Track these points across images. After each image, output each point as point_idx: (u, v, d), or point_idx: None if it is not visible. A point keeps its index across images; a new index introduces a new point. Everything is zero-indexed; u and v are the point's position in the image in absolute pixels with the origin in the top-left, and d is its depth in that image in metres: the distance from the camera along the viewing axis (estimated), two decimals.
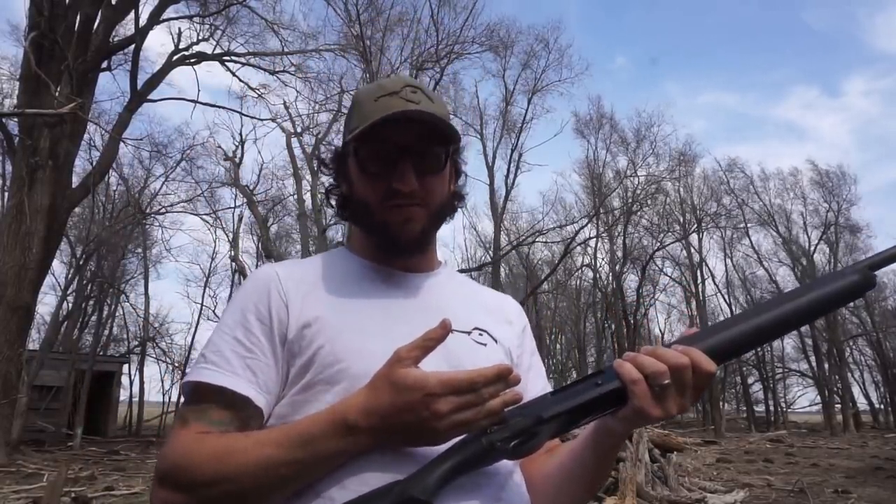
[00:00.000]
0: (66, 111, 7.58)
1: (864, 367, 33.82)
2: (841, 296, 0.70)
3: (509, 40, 22.54)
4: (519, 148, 23.80)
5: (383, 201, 0.87)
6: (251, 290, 0.87)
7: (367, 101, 0.88)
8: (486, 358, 0.86)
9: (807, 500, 7.48)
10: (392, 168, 0.86)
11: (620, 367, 0.67)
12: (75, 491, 7.49)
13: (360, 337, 0.82)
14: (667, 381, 0.65)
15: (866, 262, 0.72)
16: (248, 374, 0.80)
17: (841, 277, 0.71)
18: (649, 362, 0.66)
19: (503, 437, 0.69)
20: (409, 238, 0.88)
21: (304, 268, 0.93)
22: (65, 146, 10.70)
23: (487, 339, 0.91)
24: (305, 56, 16.74)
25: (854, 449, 15.29)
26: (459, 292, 0.97)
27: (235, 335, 0.82)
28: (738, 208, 27.99)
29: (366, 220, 0.91)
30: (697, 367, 0.66)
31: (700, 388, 0.67)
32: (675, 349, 0.67)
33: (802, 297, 0.70)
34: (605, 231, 26.17)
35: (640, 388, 0.65)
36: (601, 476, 0.84)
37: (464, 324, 0.89)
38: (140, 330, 27.10)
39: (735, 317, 0.71)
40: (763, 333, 0.69)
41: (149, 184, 22.96)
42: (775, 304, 0.70)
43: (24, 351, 10.39)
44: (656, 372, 0.65)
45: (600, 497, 6.61)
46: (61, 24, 10.15)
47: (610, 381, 0.68)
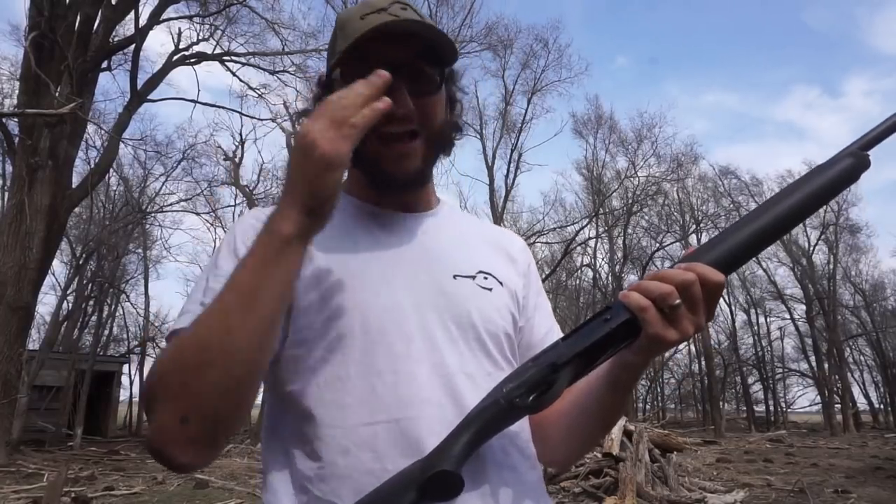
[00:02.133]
0: (66, 111, 7.58)
1: (864, 367, 33.85)
2: (837, 182, 0.68)
3: (508, 40, 22.57)
4: (519, 148, 23.81)
5: (377, 128, 0.74)
6: (240, 231, 0.82)
7: (351, 20, 0.78)
8: (490, 304, 0.84)
9: (807, 500, 7.48)
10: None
11: (627, 298, 0.64)
12: (75, 491, 7.49)
13: (359, 289, 0.78)
14: (677, 300, 0.62)
15: (858, 143, 0.70)
16: None
17: (834, 164, 0.68)
18: (655, 286, 0.63)
19: (520, 392, 0.66)
20: (406, 174, 0.81)
21: None
22: (65, 146, 10.70)
23: (493, 282, 0.86)
24: (305, 56, 16.74)
25: (854, 449, 15.28)
26: (462, 232, 0.92)
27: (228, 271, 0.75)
28: (735, 210, 27.99)
29: (356, 154, 0.76)
30: (705, 279, 0.62)
31: (712, 302, 0.64)
32: (679, 267, 0.64)
33: (798, 192, 0.68)
34: (605, 231, 26.18)
35: (650, 315, 0.62)
36: (618, 412, 0.80)
37: (468, 267, 0.85)
38: (140, 330, 27.11)
39: (735, 224, 0.68)
40: (765, 235, 0.67)
41: (148, 184, 22.99)
42: (773, 204, 0.68)
43: (24, 351, 10.39)
44: (663, 294, 0.62)
45: (600, 497, 6.61)
46: (61, 24, 10.14)
47: (619, 314, 0.65)
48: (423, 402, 0.74)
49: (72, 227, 19.69)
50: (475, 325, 0.81)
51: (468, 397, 0.75)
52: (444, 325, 0.79)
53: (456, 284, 0.83)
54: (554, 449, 0.86)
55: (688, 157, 26.58)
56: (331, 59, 0.83)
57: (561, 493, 7.04)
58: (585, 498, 6.93)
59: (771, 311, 32.24)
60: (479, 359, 0.80)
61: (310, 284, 0.78)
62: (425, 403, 0.74)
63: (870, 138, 0.70)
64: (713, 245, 0.67)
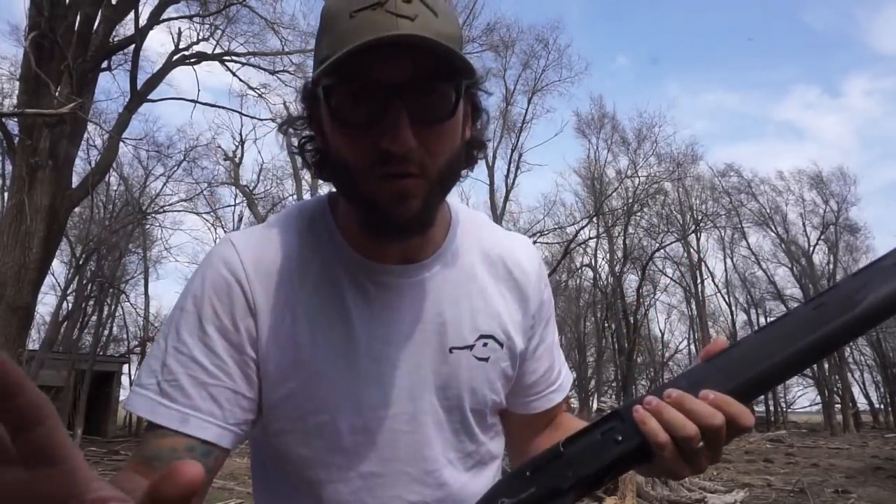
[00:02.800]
0: (66, 111, 7.58)
1: (864, 367, 33.84)
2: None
3: (509, 40, 22.58)
4: (519, 148, 23.85)
5: (370, 167, 0.63)
6: (210, 287, 0.69)
7: (340, 17, 0.62)
8: (485, 377, 0.78)
9: (807, 500, 7.48)
10: (380, 117, 0.62)
11: (644, 425, 0.54)
12: None
13: (347, 380, 0.71)
14: (700, 444, 0.53)
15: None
16: (211, 408, 0.66)
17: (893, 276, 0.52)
18: (678, 422, 0.52)
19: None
20: (405, 217, 0.65)
21: (277, 250, 0.73)
22: (65, 146, 10.70)
23: (492, 346, 0.78)
24: (305, 55, 16.73)
25: (854, 449, 15.29)
26: (468, 279, 0.78)
27: (194, 355, 0.67)
28: (734, 210, 28.02)
29: (348, 191, 0.68)
30: (733, 422, 0.53)
31: (732, 438, 0.55)
32: (706, 398, 0.53)
33: (851, 312, 0.52)
34: (605, 231, 26.19)
35: (668, 452, 0.53)
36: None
37: (467, 333, 0.77)
38: (140, 330, 27.11)
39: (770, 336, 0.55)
40: (807, 360, 0.54)
41: (149, 184, 23.01)
42: (817, 323, 0.54)
43: (24, 351, 10.39)
44: (687, 437, 0.53)
45: (600, 497, 6.61)
46: (61, 24, 10.14)
47: (631, 436, 0.57)
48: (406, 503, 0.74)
49: (72, 227, 19.70)
50: (462, 406, 0.77)
51: (452, 488, 0.75)
52: (434, 413, 0.75)
53: (451, 360, 0.76)
54: None
55: (688, 157, 26.62)
56: (316, 66, 0.66)
57: None
58: (585, 498, 6.92)
59: (771, 311, 32.24)
60: (462, 439, 0.78)
61: (289, 371, 0.70)
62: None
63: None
64: (745, 364, 0.55)
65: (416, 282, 0.75)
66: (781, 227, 28.56)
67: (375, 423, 0.72)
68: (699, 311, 27.32)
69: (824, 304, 0.54)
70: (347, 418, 0.71)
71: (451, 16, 0.64)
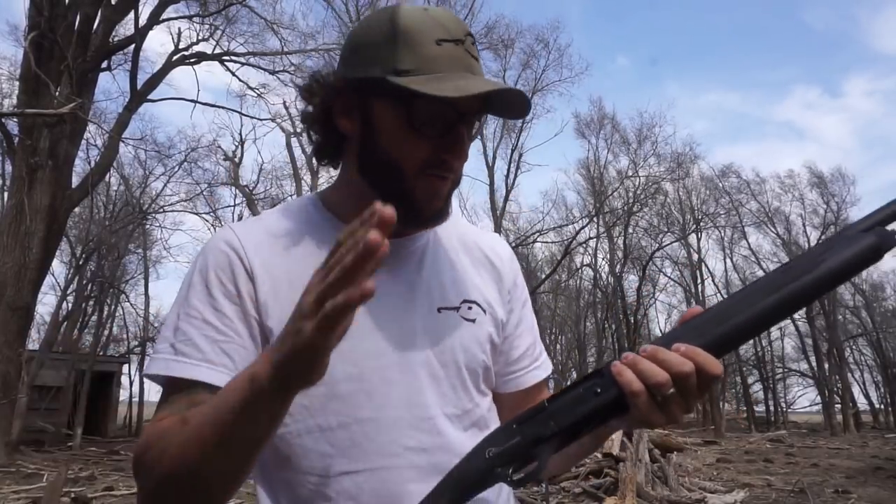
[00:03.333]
0: (66, 111, 7.58)
1: (864, 367, 33.87)
2: (854, 265, 0.59)
3: (509, 40, 22.58)
4: (519, 148, 23.86)
5: (424, 168, 0.75)
6: (213, 262, 0.76)
7: (424, 37, 0.73)
8: (473, 336, 0.84)
9: (807, 500, 7.48)
10: (446, 133, 0.75)
11: (620, 376, 0.60)
12: (75, 491, 7.48)
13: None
14: (671, 390, 0.59)
15: (878, 217, 0.60)
16: (223, 360, 0.72)
17: (852, 242, 0.59)
18: (650, 371, 0.58)
19: (502, 462, 0.64)
20: (432, 212, 0.79)
21: (269, 231, 0.81)
22: (65, 146, 10.70)
23: (476, 311, 0.85)
24: (305, 56, 16.75)
25: (854, 449, 15.28)
26: (448, 254, 0.88)
27: (205, 317, 0.73)
28: (735, 210, 28.02)
29: (388, 184, 0.76)
30: (702, 370, 0.59)
31: (705, 389, 0.61)
32: (677, 350, 0.59)
33: (809, 274, 0.59)
34: (605, 231, 26.19)
35: (641, 400, 0.59)
36: (598, 447, 0.84)
37: (452, 297, 0.84)
38: (140, 330, 27.12)
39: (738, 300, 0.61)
40: (770, 319, 0.60)
41: (149, 184, 23.02)
42: (781, 284, 0.60)
43: (24, 351, 10.39)
44: (658, 383, 0.58)
45: (600, 497, 6.61)
46: (61, 24, 10.14)
47: (609, 388, 0.62)
48: (404, 449, 0.76)
49: (72, 227, 19.71)
50: (457, 361, 0.81)
51: (449, 438, 0.78)
52: (428, 364, 0.80)
53: (440, 319, 0.82)
54: None
55: (688, 157, 26.63)
56: (385, 64, 0.73)
57: (561, 493, 7.04)
58: (585, 498, 6.92)
59: None
60: (459, 396, 0.82)
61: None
62: (407, 451, 0.76)
63: (893, 211, 0.61)
64: (715, 323, 0.61)
65: (404, 252, 0.83)
66: (782, 227, 28.58)
67: (369, 371, 0.76)
68: None
69: (791, 267, 0.60)
70: (342, 367, 0.74)
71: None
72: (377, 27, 0.76)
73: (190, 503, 0.65)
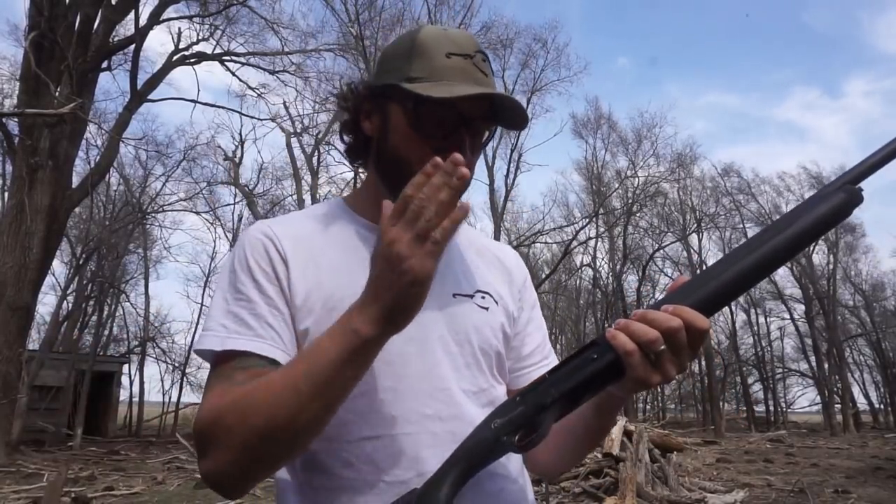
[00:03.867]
0: (66, 111, 7.58)
1: (864, 367, 33.85)
2: (828, 220, 0.65)
3: (507, 40, 22.56)
4: (518, 148, 23.80)
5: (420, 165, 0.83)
6: (251, 250, 0.83)
7: (436, 51, 0.82)
8: (486, 323, 0.88)
9: (807, 500, 7.48)
10: (450, 138, 0.81)
11: (614, 339, 0.64)
12: (75, 491, 7.49)
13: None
14: (662, 347, 0.63)
15: (847, 177, 0.66)
16: (272, 335, 0.78)
17: (825, 200, 0.65)
18: (641, 330, 0.63)
19: (508, 431, 0.68)
20: None
21: (301, 225, 0.89)
22: (65, 146, 10.71)
23: (489, 301, 0.90)
24: (305, 56, 16.76)
25: (854, 449, 15.29)
26: (461, 250, 0.95)
27: (250, 297, 0.80)
28: (737, 210, 28.01)
29: (396, 179, 0.82)
30: (690, 326, 0.63)
31: (696, 346, 0.65)
32: (666, 310, 0.64)
33: (787, 231, 0.65)
34: (605, 231, 26.19)
35: (635, 359, 0.63)
36: (603, 433, 0.85)
37: (466, 287, 0.89)
38: (140, 330, 27.10)
39: (721, 262, 0.67)
40: (752, 276, 0.65)
41: (149, 184, 23.01)
42: (760, 243, 0.65)
43: (24, 351, 10.39)
44: (649, 340, 0.62)
45: (600, 497, 6.61)
46: (61, 24, 10.14)
47: (605, 353, 0.66)
48: (422, 417, 0.79)
49: (72, 227, 19.71)
50: (472, 342, 0.86)
51: (465, 409, 0.81)
52: (444, 342, 0.84)
53: (455, 303, 0.87)
54: (541, 461, 0.92)
55: (688, 157, 26.62)
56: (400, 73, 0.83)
57: (561, 494, 7.04)
58: (585, 498, 6.93)
59: (771, 310, 32.28)
60: (475, 375, 0.86)
61: (318, 303, 0.81)
62: (424, 419, 0.79)
63: (860, 171, 0.67)
64: (699, 285, 0.66)
65: None
66: None
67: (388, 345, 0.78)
68: None
69: (770, 228, 0.66)
70: None
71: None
72: (401, 43, 0.87)
73: (281, 453, 0.70)
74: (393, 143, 0.84)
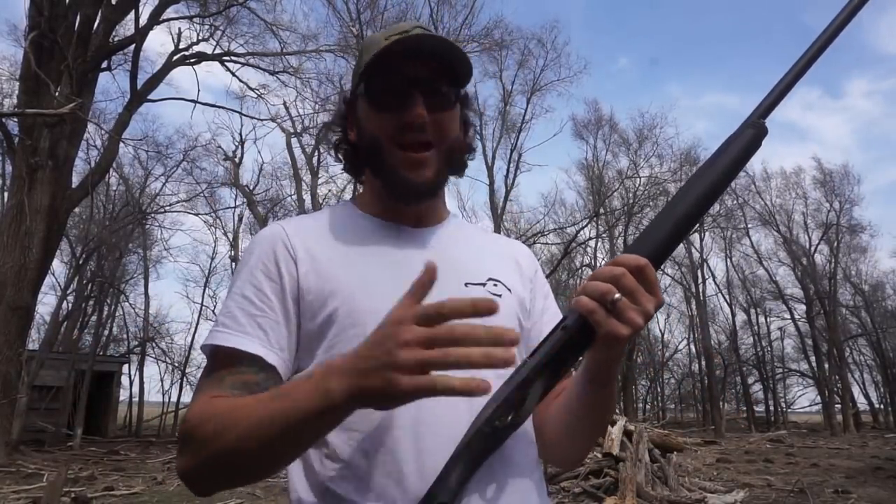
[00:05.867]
0: (66, 111, 7.58)
1: (864, 367, 33.83)
2: (742, 156, 0.72)
3: (508, 40, 22.55)
4: (518, 148, 23.77)
5: (395, 136, 0.85)
6: (258, 248, 0.87)
7: (377, 42, 0.86)
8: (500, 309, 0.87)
9: (807, 500, 7.48)
10: (402, 101, 0.84)
11: (577, 304, 0.68)
12: (75, 491, 7.48)
13: (374, 298, 0.80)
14: (616, 295, 0.66)
15: (755, 115, 0.73)
16: (258, 333, 0.80)
17: (739, 138, 0.72)
18: (593, 286, 0.67)
19: (498, 415, 0.70)
20: (423, 182, 0.87)
21: (311, 222, 0.92)
22: (64, 146, 10.70)
23: (501, 288, 0.91)
24: (305, 56, 16.75)
25: (854, 449, 15.28)
26: (470, 243, 0.97)
27: (244, 293, 0.83)
28: (740, 208, 27.99)
29: (376, 161, 0.89)
30: (630, 267, 0.67)
31: (651, 288, 0.68)
32: (607, 264, 0.69)
33: (709, 174, 0.71)
34: (606, 231, 26.18)
35: (599, 315, 0.66)
36: (607, 406, 0.84)
37: (478, 275, 0.90)
38: (140, 330, 27.09)
39: (657, 216, 0.72)
40: (686, 222, 0.71)
41: (149, 184, 23.00)
42: (688, 189, 0.71)
43: (24, 351, 10.39)
44: (602, 292, 0.67)
45: (600, 497, 6.61)
46: (61, 24, 10.14)
47: (574, 320, 0.69)
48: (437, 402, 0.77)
49: (72, 227, 19.70)
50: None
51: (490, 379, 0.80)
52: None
53: (467, 292, 0.87)
54: (553, 448, 0.91)
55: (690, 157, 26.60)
56: (354, 78, 0.91)
57: (561, 493, 7.04)
58: (585, 498, 6.93)
59: (771, 311, 32.24)
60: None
61: (328, 298, 0.83)
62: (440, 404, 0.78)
63: (766, 106, 0.74)
64: (641, 241, 0.71)
65: (427, 234, 0.93)
66: (784, 226, 28.50)
67: None
68: (699, 310, 27.26)
69: (696, 174, 0.72)
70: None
71: (456, 45, 0.88)
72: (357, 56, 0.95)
73: (242, 474, 0.73)
74: (365, 128, 0.89)
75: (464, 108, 0.94)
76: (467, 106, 0.95)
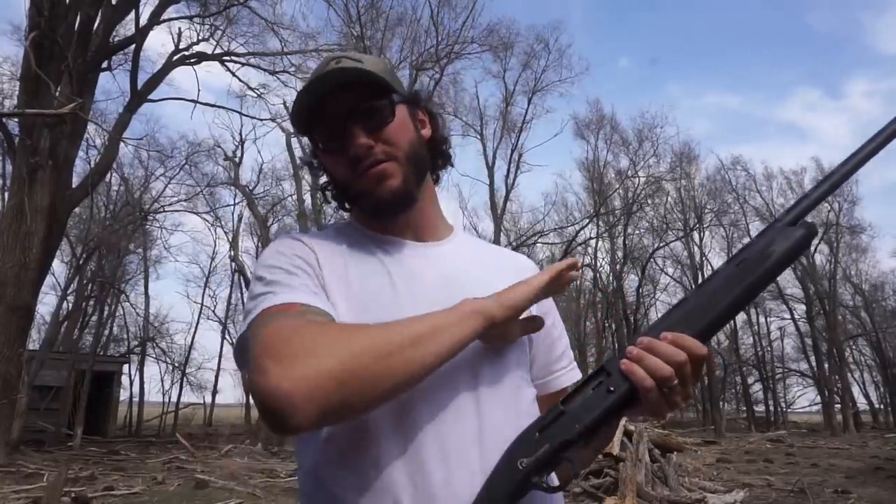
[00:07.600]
0: (66, 111, 7.58)
1: (864, 367, 33.82)
2: (795, 254, 0.71)
3: (509, 41, 22.57)
4: (519, 148, 23.83)
5: (353, 172, 0.87)
6: (284, 244, 0.87)
7: (300, 94, 0.88)
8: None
9: (807, 500, 7.48)
10: (341, 140, 0.87)
11: (632, 374, 0.68)
12: (75, 491, 7.49)
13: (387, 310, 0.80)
14: (675, 381, 0.67)
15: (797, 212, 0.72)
16: (321, 294, 0.80)
17: (790, 235, 0.71)
18: (657, 366, 0.67)
19: (536, 471, 0.69)
20: (389, 193, 0.87)
21: (323, 235, 0.94)
22: (65, 146, 10.70)
23: None
24: (305, 56, 16.74)
25: (854, 449, 15.28)
26: (477, 258, 0.97)
27: (290, 271, 0.81)
28: (741, 207, 28.00)
29: (349, 196, 0.94)
30: (692, 355, 0.68)
31: (698, 374, 0.69)
32: (665, 338, 0.68)
33: (765, 265, 0.70)
34: (606, 231, 26.19)
35: (654, 394, 0.67)
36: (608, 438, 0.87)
37: (482, 291, 0.87)
38: (140, 330, 27.10)
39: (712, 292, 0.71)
40: (740, 305, 0.71)
41: (149, 184, 23.00)
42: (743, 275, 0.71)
43: (24, 351, 10.39)
44: (664, 377, 0.67)
45: (600, 497, 6.61)
46: (61, 24, 10.14)
47: (620, 385, 0.69)
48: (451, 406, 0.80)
49: (72, 227, 19.70)
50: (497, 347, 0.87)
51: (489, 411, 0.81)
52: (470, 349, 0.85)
53: None
54: None
55: (690, 155, 26.60)
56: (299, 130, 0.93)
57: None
58: (585, 498, 6.93)
59: (771, 310, 32.25)
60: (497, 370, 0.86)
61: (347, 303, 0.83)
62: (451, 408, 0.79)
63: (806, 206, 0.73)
64: (699, 316, 0.70)
65: (436, 250, 0.95)
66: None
67: None
68: None
69: (745, 260, 0.71)
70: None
71: (378, 61, 0.92)
72: None
73: (377, 386, 0.67)
74: (331, 173, 0.94)
75: (416, 105, 0.95)
76: (419, 101, 0.96)
